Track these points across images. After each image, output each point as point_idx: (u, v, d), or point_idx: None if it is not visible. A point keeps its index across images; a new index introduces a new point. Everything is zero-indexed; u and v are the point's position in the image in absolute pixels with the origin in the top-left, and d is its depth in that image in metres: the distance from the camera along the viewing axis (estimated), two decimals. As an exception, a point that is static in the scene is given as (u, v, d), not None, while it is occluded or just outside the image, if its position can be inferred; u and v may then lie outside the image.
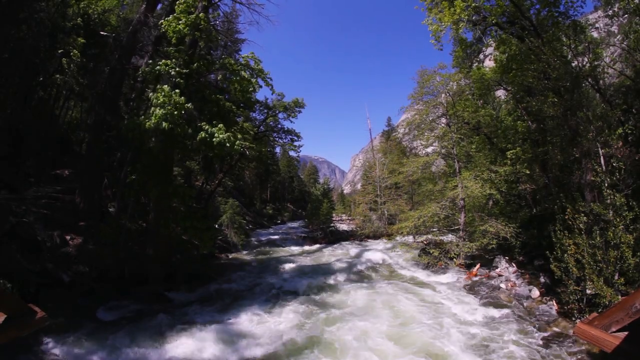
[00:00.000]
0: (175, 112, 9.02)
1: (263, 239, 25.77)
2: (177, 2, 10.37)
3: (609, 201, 7.63)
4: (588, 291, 7.62)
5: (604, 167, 8.33)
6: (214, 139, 9.35)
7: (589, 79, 10.52)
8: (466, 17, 11.95)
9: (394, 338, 7.55)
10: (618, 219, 7.19)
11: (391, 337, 7.59)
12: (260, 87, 12.17)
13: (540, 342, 7.20)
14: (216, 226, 18.68)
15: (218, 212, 22.63)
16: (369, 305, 9.80)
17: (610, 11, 12.37)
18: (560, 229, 8.08)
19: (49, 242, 9.44)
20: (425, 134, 17.23)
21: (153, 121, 8.92)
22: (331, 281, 12.74)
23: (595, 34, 15.14)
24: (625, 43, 12.24)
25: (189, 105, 9.38)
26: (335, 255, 19.00)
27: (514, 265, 12.17)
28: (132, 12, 18.82)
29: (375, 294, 10.89)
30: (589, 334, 3.60)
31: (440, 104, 16.44)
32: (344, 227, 32.49)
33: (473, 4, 11.67)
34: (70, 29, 14.82)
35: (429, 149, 18.73)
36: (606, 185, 7.92)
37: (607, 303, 6.87)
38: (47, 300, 7.90)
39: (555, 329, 7.78)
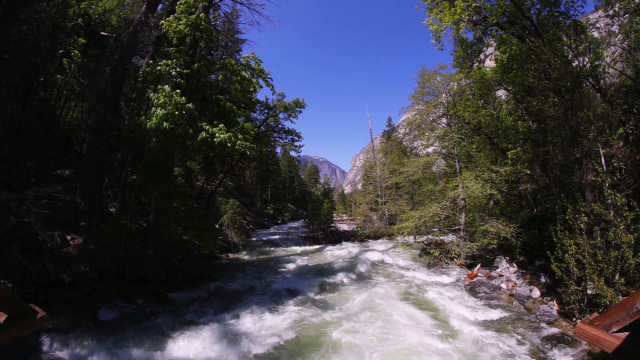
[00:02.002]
0: (176, 112, 9.02)
1: (264, 239, 25.78)
2: (177, 3, 10.38)
3: (609, 201, 7.62)
4: (589, 291, 7.61)
5: (604, 167, 8.33)
6: (215, 139, 9.35)
7: (590, 79, 10.52)
8: (467, 17, 11.94)
9: (395, 338, 7.55)
10: (619, 219, 7.18)
11: (391, 337, 7.59)
12: (261, 87, 12.19)
13: (541, 342, 7.19)
14: (217, 226, 18.72)
15: (219, 212, 22.66)
16: (369, 306, 9.80)
17: (611, 11, 12.36)
18: (561, 229, 8.08)
19: (49, 242, 9.46)
20: (426, 134, 17.23)
21: (154, 121, 8.92)
22: (332, 281, 12.74)
23: (596, 34, 15.16)
24: (625, 43, 12.23)
25: (189, 105, 9.38)
26: (335, 255, 19.00)
27: (514, 265, 12.16)
28: (133, 13, 18.87)
29: (376, 294, 10.89)
30: (590, 334, 3.59)
31: (440, 104, 16.44)
32: (344, 227, 32.50)
33: (474, 4, 11.67)
34: (71, 29, 14.85)
35: (430, 149, 18.72)
36: (607, 185, 7.92)
37: (608, 303, 6.86)
38: (48, 300, 7.93)
39: (556, 329, 7.78)
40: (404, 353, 6.91)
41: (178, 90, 9.35)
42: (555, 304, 8.70)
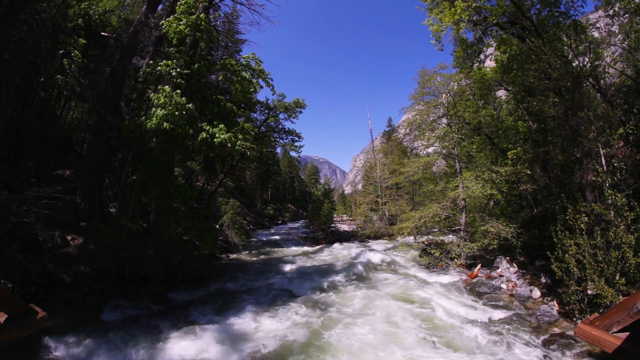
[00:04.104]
0: (177, 113, 9.02)
1: (264, 239, 25.75)
2: (177, 3, 10.39)
3: (610, 201, 7.62)
4: (589, 291, 7.60)
5: (605, 167, 8.32)
6: (215, 140, 9.35)
7: (590, 79, 10.52)
8: (467, 17, 11.95)
9: (394, 339, 7.54)
10: (619, 219, 7.18)
11: (391, 338, 7.58)
12: (261, 87, 12.18)
13: (541, 343, 7.18)
14: (217, 226, 18.71)
15: (219, 213, 22.66)
16: (369, 306, 9.79)
17: (611, 11, 12.35)
18: (561, 229, 8.07)
19: (49, 242, 9.46)
20: (426, 134, 17.20)
21: (154, 122, 8.92)
22: (332, 282, 12.73)
23: (596, 34, 15.16)
24: (626, 43, 12.23)
25: (190, 105, 9.39)
26: (335, 255, 18.99)
27: (515, 265, 12.15)
28: (133, 13, 18.90)
29: (376, 294, 10.88)
30: (590, 335, 3.59)
31: (441, 104, 16.42)
32: (344, 227, 32.48)
33: (474, 4, 11.68)
34: (72, 29, 14.87)
35: (430, 149, 18.69)
36: (607, 185, 7.91)
37: (608, 303, 6.86)
38: (48, 301, 7.93)
39: (556, 329, 7.77)
40: (403, 354, 6.90)
41: (178, 91, 9.35)
42: (556, 304, 8.69)
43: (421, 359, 6.73)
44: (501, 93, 20.60)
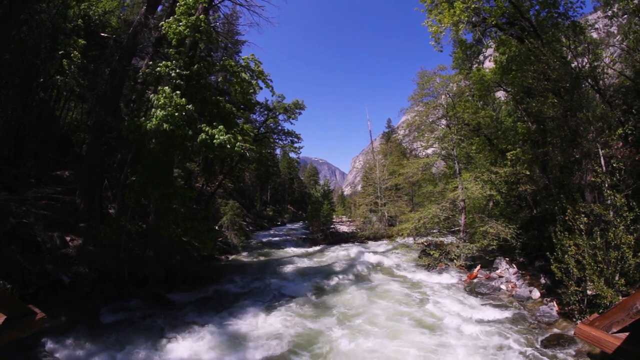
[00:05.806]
0: (176, 114, 9.01)
1: (263, 240, 25.74)
2: (177, 4, 10.39)
3: (609, 202, 7.63)
4: (589, 292, 7.61)
5: (604, 168, 8.34)
6: (215, 141, 9.35)
7: (589, 80, 10.54)
8: (466, 18, 11.97)
9: (394, 340, 7.54)
10: (618, 220, 7.19)
11: (391, 339, 7.58)
12: (261, 88, 12.17)
13: (541, 343, 7.18)
14: (216, 228, 18.69)
15: (218, 214, 22.63)
16: (368, 307, 9.79)
17: (610, 12, 12.40)
18: (560, 229, 8.08)
19: (49, 243, 9.44)
20: (426, 135, 17.22)
21: (154, 122, 8.92)
22: (331, 283, 12.72)
23: (594, 35, 15.18)
24: (624, 43, 12.26)
25: (189, 106, 9.39)
26: (335, 256, 18.97)
27: (514, 266, 12.16)
28: (133, 14, 18.90)
29: (375, 295, 10.88)
30: (590, 335, 3.59)
31: (440, 105, 16.43)
32: (344, 228, 32.43)
33: (472, 5, 11.69)
34: (71, 30, 14.87)
35: (429, 151, 18.71)
36: (606, 185, 7.93)
37: (608, 304, 6.86)
38: (47, 301, 7.91)
39: (556, 329, 7.77)
40: (402, 355, 6.90)
41: (178, 92, 9.35)
42: (555, 305, 8.70)
43: (421, 359, 6.73)
44: (500, 94, 20.62)
